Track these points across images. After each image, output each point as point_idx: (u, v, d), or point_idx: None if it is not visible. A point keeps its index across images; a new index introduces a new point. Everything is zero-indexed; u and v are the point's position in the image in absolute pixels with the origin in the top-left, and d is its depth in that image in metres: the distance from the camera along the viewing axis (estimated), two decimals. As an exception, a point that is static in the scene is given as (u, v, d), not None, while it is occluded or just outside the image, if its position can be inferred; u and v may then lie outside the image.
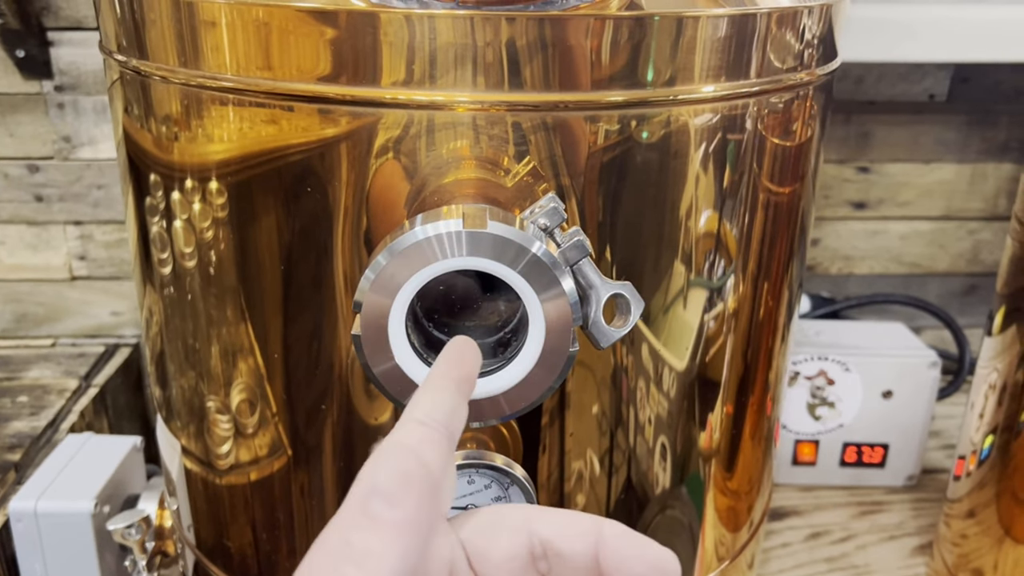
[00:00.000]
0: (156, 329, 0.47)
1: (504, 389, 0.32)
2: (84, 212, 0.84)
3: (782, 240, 0.45)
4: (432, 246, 0.30)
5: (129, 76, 0.41)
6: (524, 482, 0.37)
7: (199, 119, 0.38)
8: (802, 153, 0.44)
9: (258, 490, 0.46)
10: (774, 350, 0.49)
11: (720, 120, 0.38)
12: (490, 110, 0.34)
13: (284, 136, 0.36)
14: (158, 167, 0.41)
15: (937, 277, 0.93)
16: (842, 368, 0.74)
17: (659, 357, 0.41)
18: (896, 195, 0.89)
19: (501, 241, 0.30)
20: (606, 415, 0.41)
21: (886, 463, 0.77)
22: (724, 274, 0.42)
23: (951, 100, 0.86)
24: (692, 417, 0.45)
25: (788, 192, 0.44)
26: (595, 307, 0.33)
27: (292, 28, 0.34)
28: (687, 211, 0.39)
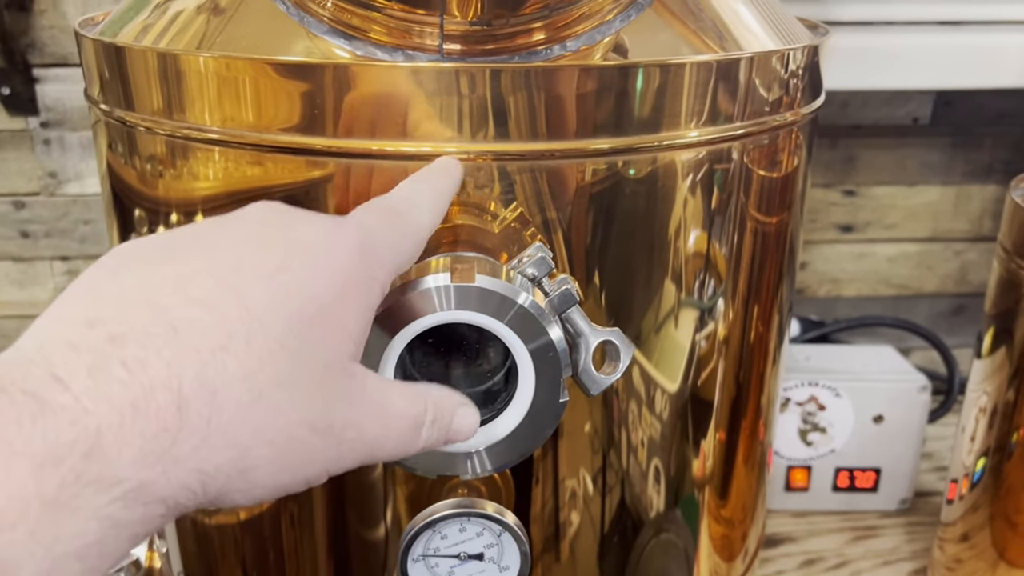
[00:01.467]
0: None
1: (494, 441, 0.32)
2: (71, 247, 0.84)
3: (771, 266, 0.45)
4: (421, 300, 0.30)
5: (114, 124, 0.40)
6: (516, 529, 0.37)
7: (184, 160, 0.38)
8: (789, 183, 0.44)
9: (248, 529, 0.46)
10: (765, 375, 0.49)
11: (706, 157, 0.38)
12: (477, 159, 0.34)
13: (270, 178, 0.36)
14: (143, 202, 0.41)
15: (925, 298, 0.94)
16: (832, 393, 0.74)
17: (650, 384, 0.41)
18: (883, 218, 0.90)
19: (488, 294, 0.30)
20: (598, 448, 0.41)
21: (879, 487, 0.77)
22: (714, 302, 0.42)
23: (934, 123, 0.87)
24: (684, 445, 0.45)
25: (776, 221, 0.44)
26: (585, 354, 0.33)
27: (278, 82, 0.34)
28: (675, 245, 0.39)
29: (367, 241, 0.27)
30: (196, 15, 0.39)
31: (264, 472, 0.24)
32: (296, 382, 0.24)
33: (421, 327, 0.30)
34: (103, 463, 0.21)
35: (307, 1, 0.35)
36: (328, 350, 0.25)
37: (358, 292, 0.26)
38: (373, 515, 0.41)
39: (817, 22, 0.50)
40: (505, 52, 0.34)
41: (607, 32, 0.36)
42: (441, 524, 0.36)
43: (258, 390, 0.23)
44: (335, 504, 0.42)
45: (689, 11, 0.40)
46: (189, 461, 0.22)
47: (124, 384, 0.21)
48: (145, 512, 0.22)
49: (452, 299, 0.30)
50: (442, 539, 0.37)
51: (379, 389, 0.27)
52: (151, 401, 0.21)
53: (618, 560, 0.46)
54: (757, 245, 0.43)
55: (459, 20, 0.33)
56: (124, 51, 0.37)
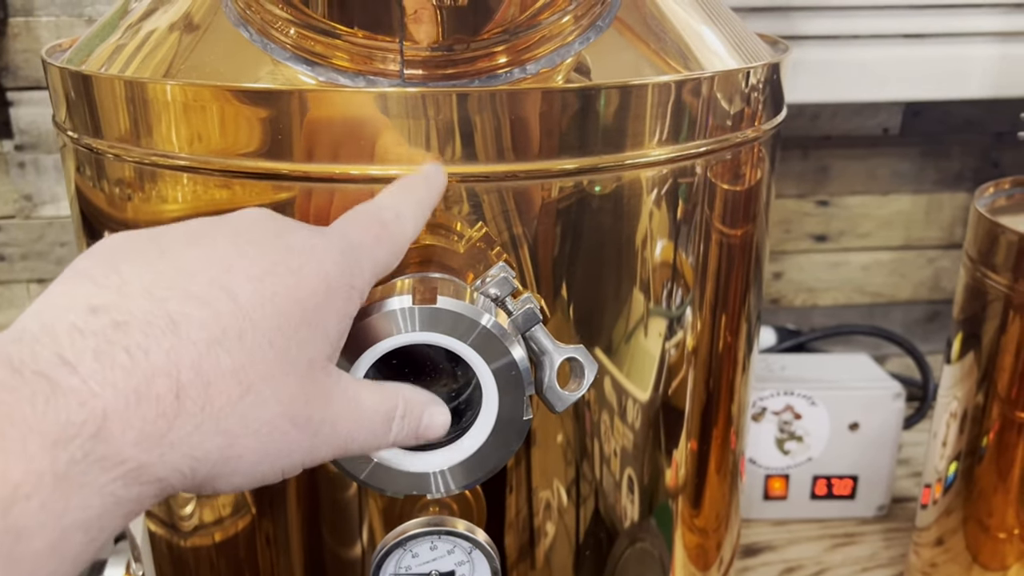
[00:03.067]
0: None
1: (459, 460, 0.32)
2: (47, 270, 0.84)
3: (737, 277, 0.46)
4: (384, 322, 0.30)
5: (82, 151, 0.41)
6: (487, 546, 0.37)
7: (152, 184, 0.38)
8: (752, 195, 0.45)
9: (224, 551, 0.46)
10: (735, 383, 0.49)
11: (670, 173, 0.39)
12: (442, 182, 0.35)
13: (238, 200, 0.37)
14: (112, 225, 0.41)
15: (900, 306, 0.95)
16: (808, 402, 0.75)
17: (622, 395, 0.42)
18: (856, 227, 0.91)
19: (451, 315, 0.30)
20: (571, 460, 0.42)
21: (856, 494, 0.78)
22: (682, 313, 0.42)
23: (904, 133, 0.88)
24: (656, 454, 0.45)
25: (741, 233, 0.45)
26: (549, 372, 0.33)
27: (243, 108, 0.34)
28: (642, 258, 0.40)
29: (349, 251, 0.29)
30: (168, 34, 0.39)
31: (247, 461, 0.25)
32: (282, 378, 0.26)
33: (385, 348, 0.30)
34: (108, 443, 0.22)
35: (270, 28, 0.35)
36: (311, 350, 0.27)
37: (339, 299, 0.28)
38: (348, 534, 0.42)
39: (777, 38, 0.51)
40: (466, 76, 0.35)
41: (567, 54, 0.37)
42: (412, 542, 0.37)
43: (247, 383, 0.25)
44: (310, 523, 0.42)
45: (650, 31, 0.40)
46: (183, 446, 0.24)
47: (127, 370, 0.23)
48: (141, 491, 0.23)
49: (415, 321, 0.30)
50: (413, 557, 0.37)
51: (353, 388, 0.29)
52: (152, 387, 0.23)
53: (594, 571, 0.46)
54: (723, 256, 0.44)
55: (420, 46, 0.33)
56: (91, 79, 0.37)
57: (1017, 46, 0.75)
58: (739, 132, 0.41)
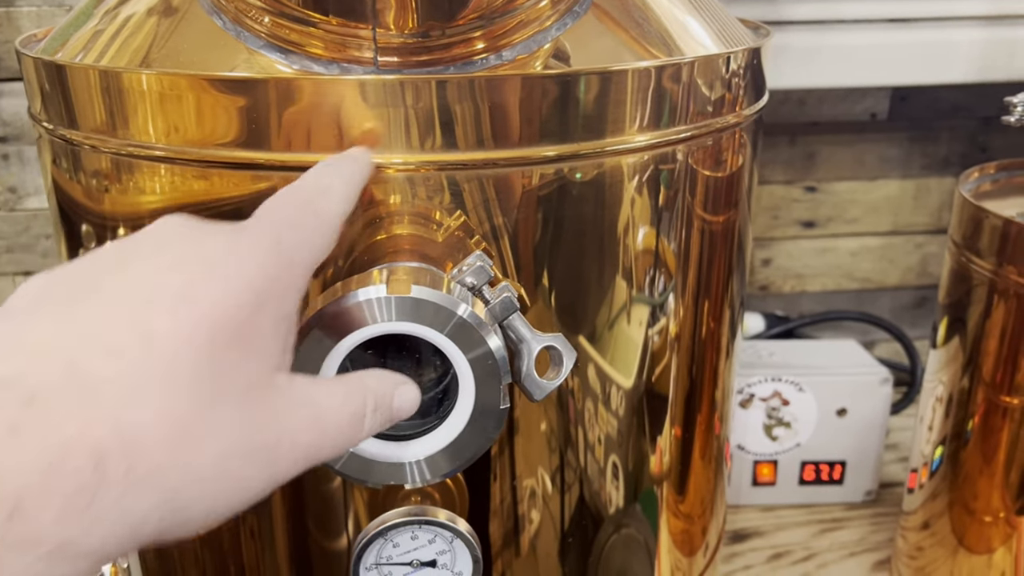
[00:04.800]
0: None
1: (437, 450, 0.32)
2: (33, 263, 0.83)
3: (720, 263, 0.46)
4: (359, 311, 0.30)
5: (58, 142, 0.40)
6: (467, 535, 0.37)
7: (129, 175, 0.38)
8: (734, 181, 0.44)
9: (208, 543, 0.46)
10: (719, 369, 0.49)
11: (652, 160, 0.39)
12: (421, 170, 0.35)
13: (216, 191, 0.36)
14: (89, 217, 0.41)
15: (888, 291, 0.95)
16: (796, 388, 0.75)
17: (605, 382, 0.42)
18: (844, 212, 0.91)
19: (426, 305, 0.30)
20: (554, 447, 0.42)
21: (844, 480, 0.78)
22: (664, 299, 0.42)
23: (892, 118, 0.88)
24: (641, 441, 0.45)
25: (723, 219, 0.45)
26: (527, 360, 0.33)
27: (219, 97, 0.34)
28: (624, 245, 0.39)
29: (278, 245, 0.27)
30: (146, 19, 0.39)
31: (198, 509, 0.24)
32: (218, 413, 0.24)
33: (358, 339, 0.30)
34: (26, 524, 0.21)
35: (243, 17, 0.35)
36: (248, 371, 0.25)
37: (274, 302, 0.26)
38: (331, 524, 0.42)
39: (759, 23, 0.51)
40: (442, 63, 0.35)
41: (544, 40, 0.36)
42: (392, 532, 0.37)
43: (179, 430, 0.23)
44: (293, 514, 0.42)
45: (629, 16, 0.40)
46: (111, 514, 0.22)
47: (41, 446, 0.21)
48: (71, 568, 0.22)
49: (390, 310, 0.30)
50: (394, 547, 0.37)
51: (309, 394, 0.27)
52: (68, 461, 0.21)
53: (579, 558, 0.46)
54: (705, 243, 0.44)
55: (394, 33, 0.33)
56: (64, 69, 0.37)
57: (1003, 30, 0.75)
58: (720, 118, 0.41)
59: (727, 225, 0.45)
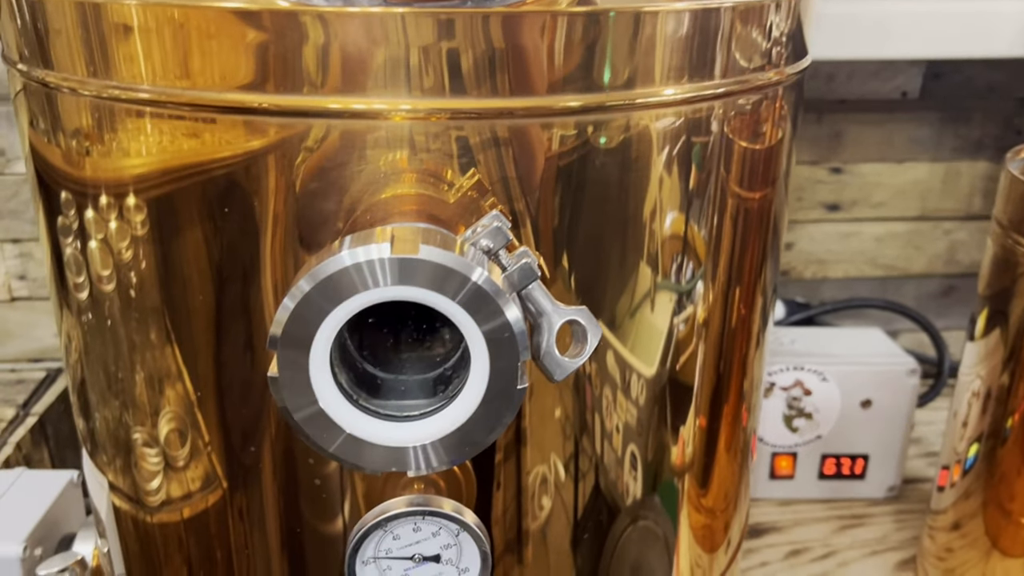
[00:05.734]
0: (76, 356, 0.43)
1: (444, 433, 0.28)
2: (22, 229, 0.80)
3: (753, 245, 0.42)
4: (358, 274, 0.26)
5: (34, 88, 0.37)
6: (476, 529, 0.33)
7: (113, 133, 0.34)
8: (773, 156, 0.41)
9: (194, 530, 0.42)
10: (748, 358, 0.46)
11: (684, 124, 0.35)
12: (430, 119, 0.31)
13: (206, 150, 0.33)
14: (69, 184, 0.37)
15: (913, 279, 0.91)
16: (819, 378, 0.71)
17: (626, 369, 0.38)
18: (870, 196, 0.87)
19: (436, 268, 0.26)
20: (569, 435, 0.38)
21: (866, 474, 0.75)
22: (692, 282, 0.39)
23: (923, 97, 0.84)
24: (662, 431, 0.42)
25: (759, 197, 0.41)
26: (547, 336, 0.30)
27: (210, 30, 0.30)
28: (650, 218, 0.36)
29: None
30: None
31: None
32: None
33: (356, 306, 0.26)
34: None
35: (236, -58, 0.31)
36: None
37: None
38: (327, 514, 0.38)
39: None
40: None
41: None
42: (393, 523, 0.33)
43: None
44: (287, 503, 0.39)
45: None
46: None
47: None
48: None
49: (394, 273, 0.26)
50: (394, 540, 0.34)
51: None
52: None
53: (593, 553, 0.43)
54: (739, 223, 0.40)
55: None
56: (38, 1, 0.33)
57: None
58: (760, 74, 0.37)
59: (763, 205, 0.42)
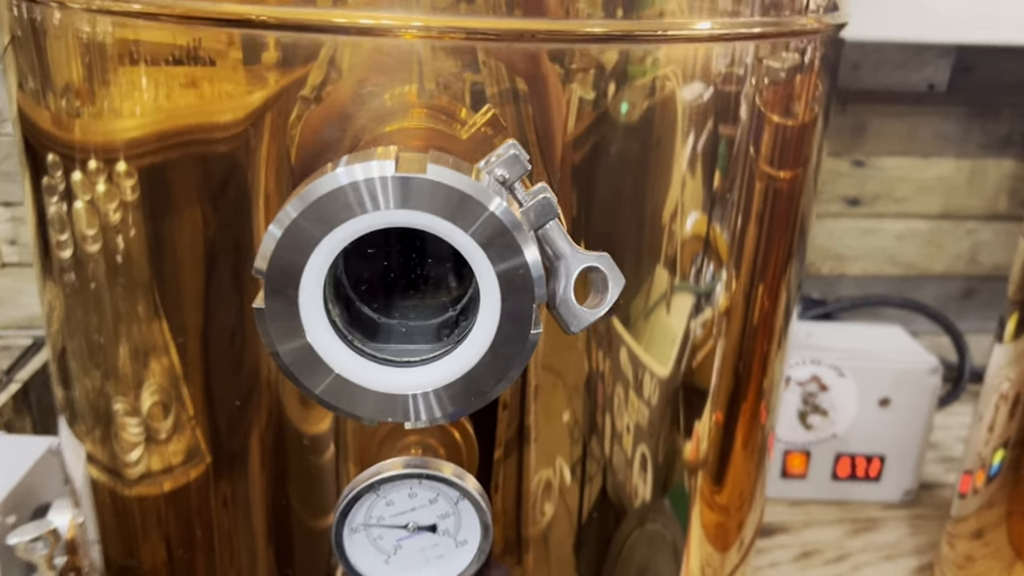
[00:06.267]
0: (57, 325, 0.40)
1: (447, 381, 0.25)
2: (15, 192, 0.77)
3: (780, 231, 0.39)
4: (355, 195, 0.23)
5: (21, 12, 0.34)
6: (477, 496, 0.31)
7: (104, 88, 0.32)
8: (804, 133, 0.38)
9: (174, 503, 0.40)
10: (769, 354, 0.43)
11: (712, 104, 0.32)
12: (443, 38, 0.28)
13: (207, 105, 0.30)
14: (58, 148, 0.35)
15: (933, 280, 0.88)
16: (836, 373, 0.68)
17: (639, 361, 0.36)
18: (892, 191, 0.84)
19: (447, 193, 0.23)
20: (578, 421, 0.35)
21: (882, 476, 0.72)
22: (715, 284, 0.36)
23: (951, 91, 0.81)
24: (676, 426, 0.39)
25: (788, 178, 0.38)
26: (564, 282, 0.27)
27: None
28: (672, 228, 0.34)
29: None
30: None
31: None
32: None
33: (352, 232, 0.23)
34: None
35: None
36: None
37: None
38: (314, 475, 0.35)
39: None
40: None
41: None
42: (386, 487, 0.30)
43: None
44: (270, 461, 0.36)
45: None
46: None
47: None
48: None
49: (397, 195, 0.23)
50: (388, 505, 0.31)
51: None
52: None
53: (597, 553, 0.40)
54: (767, 206, 0.37)
55: None
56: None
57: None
58: (797, 17, 0.34)
59: (792, 186, 0.39)
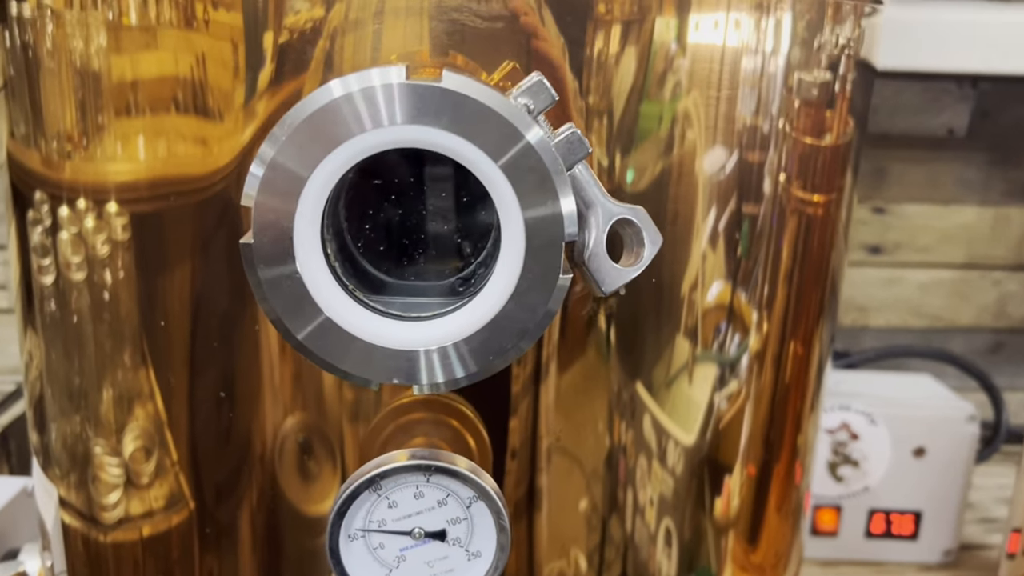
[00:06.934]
0: (36, 373, 0.38)
1: (462, 336, 0.22)
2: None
3: (815, 263, 0.37)
4: (362, 107, 0.20)
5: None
6: (494, 496, 0.27)
7: (98, 137, 0.30)
8: (839, 153, 0.36)
9: (152, 548, 0.36)
10: (804, 407, 0.40)
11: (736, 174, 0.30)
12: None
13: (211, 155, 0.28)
14: (49, 188, 0.33)
15: (960, 332, 0.84)
16: (867, 420, 0.64)
17: (663, 429, 0.33)
18: (914, 239, 0.81)
19: (472, 107, 0.20)
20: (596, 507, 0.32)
21: (919, 535, 0.66)
22: (741, 337, 0.34)
23: (971, 136, 0.79)
24: (703, 493, 0.36)
25: (823, 202, 0.36)
26: (595, 233, 0.24)
27: None
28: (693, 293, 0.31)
29: None
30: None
31: None
32: None
33: (356, 152, 0.20)
34: None
35: None
36: None
37: None
38: (306, 469, 0.32)
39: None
40: None
41: None
42: (388, 483, 0.26)
43: None
44: (264, 523, 0.32)
45: None
46: None
47: None
48: None
49: (414, 106, 0.20)
50: (390, 508, 0.27)
51: None
52: None
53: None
54: (800, 238, 0.35)
55: None
56: None
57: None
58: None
59: (827, 211, 0.36)
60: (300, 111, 0.20)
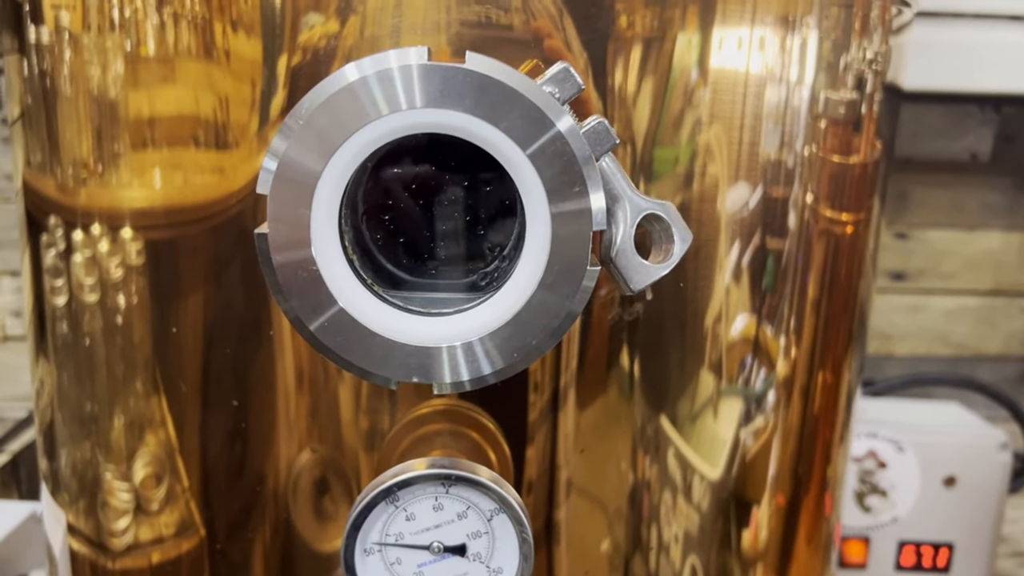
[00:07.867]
0: (47, 400, 0.37)
1: (486, 331, 0.21)
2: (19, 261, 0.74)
3: (844, 290, 0.36)
4: (380, 90, 0.19)
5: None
6: (517, 508, 0.25)
7: (114, 165, 0.29)
8: (867, 170, 0.35)
9: None
10: (833, 438, 0.39)
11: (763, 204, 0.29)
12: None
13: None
14: (63, 213, 0.32)
15: (988, 361, 0.82)
16: (895, 448, 0.62)
17: (687, 470, 0.31)
18: (938, 265, 0.80)
19: (500, 91, 0.20)
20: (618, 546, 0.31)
21: (951, 568, 0.64)
22: (767, 371, 0.33)
23: (995, 160, 0.78)
24: (727, 523, 0.35)
25: (852, 220, 0.35)
26: (623, 228, 0.23)
27: None
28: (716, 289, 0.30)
29: None
30: None
31: None
32: None
33: (375, 137, 0.19)
34: None
35: None
36: None
37: None
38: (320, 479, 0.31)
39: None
40: None
41: None
42: (407, 493, 0.25)
43: None
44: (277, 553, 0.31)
45: None
46: None
47: None
48: None
49: (433, 90, 0.19)
50: (408, 520, 0.26)
51: None
52: None
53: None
54: (828, 263, 0.34)
55: None
56: None
57: None
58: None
59: (857, 229, 0.36)
60: (315, 97, 0.20)
